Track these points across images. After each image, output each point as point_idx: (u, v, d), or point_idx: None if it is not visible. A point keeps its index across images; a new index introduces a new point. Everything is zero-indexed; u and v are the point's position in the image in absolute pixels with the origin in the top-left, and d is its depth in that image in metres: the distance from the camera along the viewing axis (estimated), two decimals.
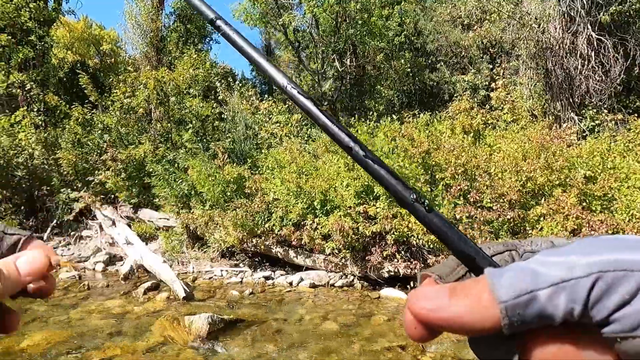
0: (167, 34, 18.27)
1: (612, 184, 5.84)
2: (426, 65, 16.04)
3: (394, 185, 0.47)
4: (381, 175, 0.48)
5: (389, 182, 0.47)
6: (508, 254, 0.42)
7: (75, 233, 9.89)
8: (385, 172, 0.47)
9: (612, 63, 9.34)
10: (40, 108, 12.62)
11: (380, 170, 0.48)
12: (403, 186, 0.46)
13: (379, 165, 0.48)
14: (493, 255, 0.42)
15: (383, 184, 0.48)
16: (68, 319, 5.08)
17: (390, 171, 0.47)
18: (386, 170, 0.47)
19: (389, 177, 0.47)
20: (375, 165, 0.48)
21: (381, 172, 0.47)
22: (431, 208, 0.43)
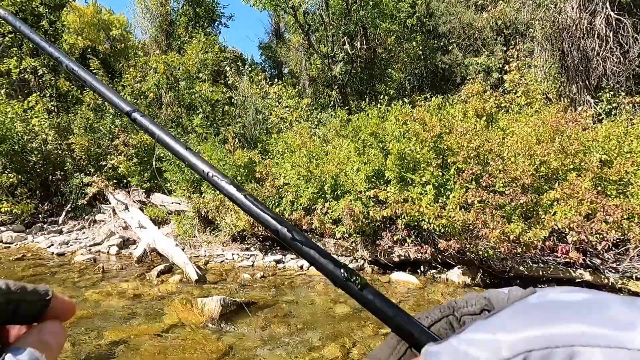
0: (176, 17, 18.17)
1: (629, 168, 5.72)
2: (438, 47, 15.74)
3: (325, 265, 0.46)
4: (311, 256, 0.47)
5: (320, 262, 0.47)
6: (445, 320, 0.42)
7: (89, 217, 10.05)
8: (315, 252, 0.47)
9: (631, 43, 9.06)
10: (53, 93, 12.73)
11: (310, 251, 0.47)
12: (334, 265, 0.46)
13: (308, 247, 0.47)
14: (431, 324, 0.42)
15: (315, 265, 0.48)
16: (84, 301, 5.20)
17: (320, 251, 0.47)
18: (316, 250, 0.47)
19: (319, 258, 0.47)
20: (305, 247, 0.48)
21: (311, 253, 0.47)
22: (364, 285, 0.43)
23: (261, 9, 13.77)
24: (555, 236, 5.45)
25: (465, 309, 0.42)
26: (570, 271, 5.47)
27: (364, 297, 0.44)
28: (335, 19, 14.02)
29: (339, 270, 0.45)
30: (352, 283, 0.44)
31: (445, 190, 6.04)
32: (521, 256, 5.53)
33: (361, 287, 0.44)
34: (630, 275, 5.21)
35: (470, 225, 5.50)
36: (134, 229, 8.66)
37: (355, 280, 0.44)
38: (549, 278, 5.65)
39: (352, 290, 0.44)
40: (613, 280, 5.22)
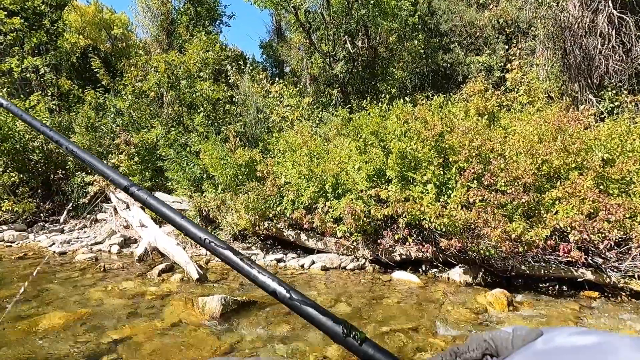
0: (177, 16, 18.18)
1: (631, 167, 5.70)
2: (440, 46, 15.70)
3: (324, 322, 0.46)
4: (310, 314, 0.48)
5: (319, 320, 0.46)
6: None
7: (91, 216, 10.07)
8: (314, 310, 0.48)
9: (633, 42, 9.02)
10: (54, 92, 12.75)
11: (309, 309, 0.48)
12: (333, 322, 0.46)
13: (307, 305, 0.47)
14: None
15: (313, 322, 0.47)
16: (86, 299, 5.21)
17: (319, 308, 0.48)
18: (314, 308, 0.48)
19: (317, 315, 0.47)
20: (303, 306, 0.47)
21: (309, 311, 0.48)
22: (363, 339, 0.43)
23: (262, 7, 13.77)
24: (557, 235, 5.43)
25: (467, 355, 0.41)
26: (572, 270, 5.45)
27: (363, 352, 0.44)
28: (336, 18, 14.00)
29: (338, 327, 0.45)
30: (352, 338, 0.44)
31: (447, 189, 6.03)
32: (523, 255, 5.52)
33: (361, 342, 0.43)
34: (633, 275, 5.19)
35: (471, 224, 5.49)
36: (135, 228, 8.67)
37: (355, 336, 0.44)
38: (551, 277, 5.63)
39: (352, 346, 0.44)
40: (615, 279, 5.20)
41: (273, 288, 0.50)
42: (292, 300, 0.48)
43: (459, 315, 4.67)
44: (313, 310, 0.46)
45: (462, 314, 4.70)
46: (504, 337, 0.39)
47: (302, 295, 0.48)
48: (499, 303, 4.88)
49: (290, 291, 0.49)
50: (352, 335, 0.44)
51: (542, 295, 5.43)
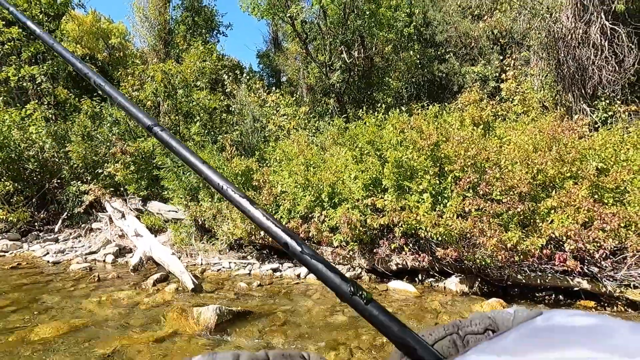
0: (175, 26, 18.28)
1: (625, 176, 5.73)
2: (435, 56, 15.85)
3: (332, 278, 0.47)
4: (319, 270, 0.48)
5: (327, 276, 0.47)
6: (449, 339, 0.43)
7: (86, 225, 10.01)
8: (323, 266, 0.48)
9: (626, 53, 9.14)
10: (51, 101, 12.75)
11: (318, 264, 0.48)
12: (341, 279, 0.46)
13: (317, 260, 0.48)
14: (434, 342, 0.43)
15: (321, 277, 0.48)
16: (79, 310, 5.15)
17: (328, 265, 0.48)
18: (324, 264, 0.48)
19: (326, 271, 0.47)
20: (313, 260, 0.48)
21: (318, 267, 0.48)
22: (369, 299, 0.44)
23: (259, 17, 13.87)
24: (553, 244, 5.44)
25: (469, 328, 0.42)
26: (568, 279, 5.45)
27: (368, 312, 0.44)
28: (332, 28, 14.12)
29: (346, 285, 0.46)
30: (359, 297, 0.44)
31: (443, 199, 6.04)
32: (519, 264, 5.52)
33: (367, 302, 0.44)
34: (628, 284, 5.20)
35: (467, 233, 5.49)
36: (130, 237, 8.62)
37: (361, 295, 0.45)
38: (547, 286, 5.63)
39: (358, 304, 0.45)
40: (611, 288, 5.20)
41: (285, 240, 0.50)
42: (303, 254, 0.49)
43: None
44: (322, 266, 0.47)
45: None
46: (505, 317, 0.40)
47: (312, 250, 0.49)
48: None
49: (302, 245, 0.49)
50: (359, 294, 0.44)
51: (538, 305, 5.42)
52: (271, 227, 0.51)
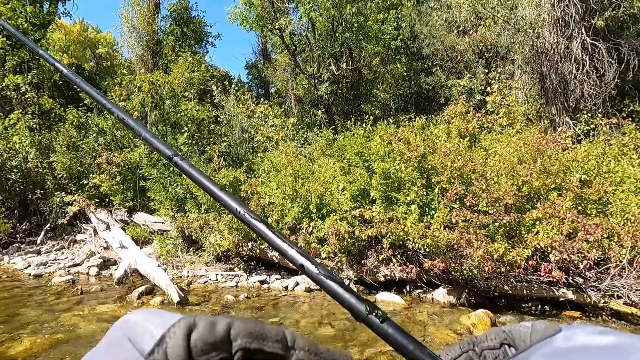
0: (163, 37, 18.26)
1: (607, 188, 5.85)
2: (422, 69, 16.09)
3: (348, 298, 0.47)
4: (334, 290, 0.48)
5: (342, 296, 0.47)
6: (465, 357, 0.42)
7: (69, 237, 9.82)
8: (338, 286, 0.48)
9: (606, 67, 9.39)
10: (35, 111, 12.57)
11: (333, 285, 0.48)
12: (356, 299, 0.46)
13: (332, 281, 0.48)
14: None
15: (336, 298, 0.48)
16: (61, 324, 5.02)
17: (343, 285, 0.48)
18: (339, 284, 0.48)
19: (342, 292, 0.47)
20: (329, 280, 0.48)
21: (334, 287, 0.48)
22: (385, 318, 0.44)
23: (248, 29, 13.96)
24: (538, 255, 5.50)
25: (485, 344, 0.41)
26: (553, 290, 5.50)
27: (384, 330, 0.44)
28: (321, 41, 14.27)
29: (360, 304, 0.46)
30: (374, 316, 0.45)
31: (430, 210, 6.08)
32: (505, 275, 5.56)
33: (382, 320, 0.44)
34: (612, 294, 5.27)
35: (454, 244, 5.53)
36: (115, 249, 8.48)
37: (376, 314, 0.45)
38: (533, 297, 5.67)
39: (373, 323, 0.45)
40: (595, 299, 5.27)
41: (301, 262, 0.51)
42: (319, 275, 0.49)
43: (443, 337, 4.64)
44: (337, 286, 0.48)
45: (446, 335, 4.68)
46: (522, 331, 0.39)
47: (328, 271, 0.49)
48: (482, 324, 4.88)
49: (318, 267, 0.49)
50: (375, 314, 0.44)
51: (525, 316, 5.45)
52: (288, 250, 0.52)
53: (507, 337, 0.40)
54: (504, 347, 0.41)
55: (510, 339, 0.40)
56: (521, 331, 0.40)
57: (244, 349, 0.29)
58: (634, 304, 5.16)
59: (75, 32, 17.25)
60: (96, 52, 17.32)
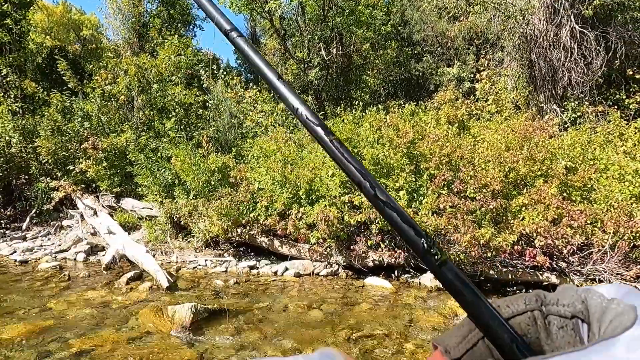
0: (150, 19, 17.87)
1: (592, 175, 5.96)
2: (412, 55, 16.04)
3: (406, 231, 0.43)
4: (392, 219, 0.44)
5: (400, 228, 0.44)
6: (529, 315, 0.38)
7: (56, 223, 9.70)
8: (397, 215, 0.44)
9: (593, 55, 9.47)
10: (18, 95, 12.26)
11: (392, 213, 0.44)
12: (414, 233, 0.43)
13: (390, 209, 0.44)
14: (512, 316, 0.38)
15: (395, 228, 0.45)
16: (48, 310, 5.00)
17: (403, 216, 0.44)
18: (398, 213, 0.44)
19: (400, 222, 0.44)
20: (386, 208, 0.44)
21: (392, 216, 0.44)
22: (444, 261, 0.40)
23: (237, 12, 13.71)
24: (524, 240, 5.60)
25: (555, 308, 0.37)
26: (537, 274, 5.63)
27: (441, 275, 0.41)
28: (311, 25, 14.09)
29: (419, 240, 0.42)
30: (432, 256, 0.41)
31: (418, 196, 6.13)
32: (491, 260, 5.66)
33: (440, 264, 0.41)
34: (594, 278, 5.41)
35: (442, 230, 5.60)
36: (102, 235, 8.41)
37: (435, 254, 0.41)
38: (518, 281, 5.79)
39: (430, 264, 0.42)
40: (578, 283, 5.40)
41: (358, 179, 0.46)
42: (377, 199, 0.44)
43: (430, 320, 4.73)
44: (396, 216, 0.43)
45: (432, 318, 4.77)
46: (597, 303, 0.35)
47: (387, 197, 0.44)
48: None
49: (376, 188, 0.44)
50: (433, 253, 0.41)
51: None
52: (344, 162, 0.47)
53: (582, 310, 0.35)
54: (576, 319, 0.36)
55: (585, 313, 0.35)
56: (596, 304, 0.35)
57: None
58: None
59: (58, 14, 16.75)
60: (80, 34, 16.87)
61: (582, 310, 0.35)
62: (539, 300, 0.38)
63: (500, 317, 0.38)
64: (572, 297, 0.37)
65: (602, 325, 0.33)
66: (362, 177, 0.46)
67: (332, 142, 0.48)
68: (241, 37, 0.58)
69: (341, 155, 0.47)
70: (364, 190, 0.46)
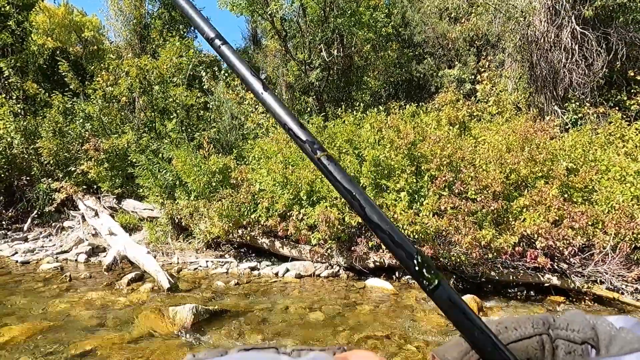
0: (151, 21, 17.90)
1: (593, 176, 5.96)
2: (413, 56, 16.04)
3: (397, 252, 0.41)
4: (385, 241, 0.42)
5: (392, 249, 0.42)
6: (537, 339, 0.37)
7: (57, 224, 9.71)
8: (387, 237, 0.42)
9: (594, 57, 9.47)
10: (19, 96, 12.28)
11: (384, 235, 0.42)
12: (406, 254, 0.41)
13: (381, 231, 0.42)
14: (518, 339, 0.37)
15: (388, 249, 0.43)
16: (49, 311, 5.00)
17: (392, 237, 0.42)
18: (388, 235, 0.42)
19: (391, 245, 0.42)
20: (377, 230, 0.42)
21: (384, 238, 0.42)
22: (437, 285, 0.38)
23: (238, 14, 13.73)
24: (525, 242, 5.60)
25: (564, 333, 0.36)
26: (539, 276, 5.62)
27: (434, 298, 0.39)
28: (312, 26, 14.10)
29: (410, 262, 0.40)
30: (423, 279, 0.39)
31: (419, 197, 6.13)
32: (492, 261, 5.66)
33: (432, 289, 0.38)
34: (595, 280, 5.40)
35: (443, 231, 5.60)
36: (103, 236, 8.41)
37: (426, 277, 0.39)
38: (519, 283, 5.79)
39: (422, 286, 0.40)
40: (579, 284, 5.39)
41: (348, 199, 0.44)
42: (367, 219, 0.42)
43: (430, 321, 4.73)
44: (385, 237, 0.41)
45: (433, 320, 4.76)
46: (607, 330, 0.35)
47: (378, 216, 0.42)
48: None
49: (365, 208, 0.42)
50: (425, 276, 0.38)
51: (511, 301, 5.57)
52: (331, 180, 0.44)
53: (593, 336, 0.35)
54: (586, 345, 0.35)
55: (595, 340, 0.35)
56: (606, 331, 0.35)
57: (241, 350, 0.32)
58: (616, 289, 5.30)
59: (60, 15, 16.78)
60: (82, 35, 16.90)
61: (592, 337, 0.35)
62: (546, 324, 0.38)
63: (496, 341, 0.36)
64: (582, 323, 0.37)
65: (610, 352, 0.33)
66: (351, 196, 0.44)
67: (320, 160, 0.46)
68: (225, 45, 0.56)
69: (329, 174, 0.46)
70: (354, 210, 0.44)
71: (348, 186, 0.45)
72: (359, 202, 0.43)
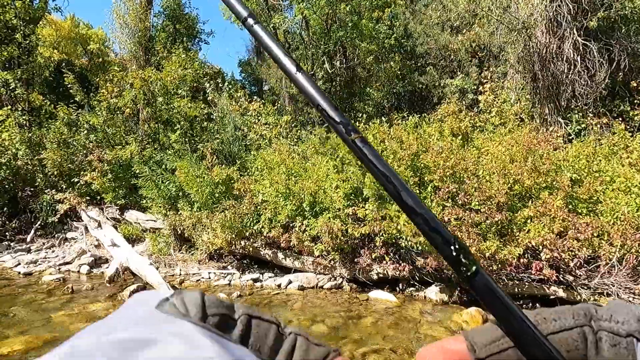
0: (156, 33, 18.11)
1: (597, 187, 5.91)
2: (415, 67, 16.12)
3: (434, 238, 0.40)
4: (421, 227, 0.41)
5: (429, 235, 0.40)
6: (579, 331, 0.35)
7: (60, 235, 9.72)
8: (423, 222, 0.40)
9: (597, 68, 9.48)
10: (25, 107, 12.40)
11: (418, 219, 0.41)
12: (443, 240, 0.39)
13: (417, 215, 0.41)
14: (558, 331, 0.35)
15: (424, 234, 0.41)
16: (51, 323, 4.98)
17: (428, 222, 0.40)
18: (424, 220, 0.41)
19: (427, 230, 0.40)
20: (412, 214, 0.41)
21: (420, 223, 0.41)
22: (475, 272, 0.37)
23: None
24: (530, 253, 5.55)
25: (607, 324, 0.35)
26: (544, 288, 5.55)
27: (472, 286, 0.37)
28: (315, 39, 14.23)
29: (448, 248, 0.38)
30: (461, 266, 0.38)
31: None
32: (497, 273, 5.60)
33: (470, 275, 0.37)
34: (602, 292, 5.33)
35: None
36: (106, 247, 8.41)
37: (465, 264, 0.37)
38: (524, 295, 5.72)
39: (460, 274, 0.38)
40: (585, 296, 5.32)
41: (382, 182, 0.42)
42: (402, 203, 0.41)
43: (435, 334, 4.67)
44: (421, 222, 0.40)
45: (438, 333, 4.70)
46: None
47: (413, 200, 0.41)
48: (474, 321, 4.92)
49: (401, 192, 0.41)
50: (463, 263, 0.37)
51: None
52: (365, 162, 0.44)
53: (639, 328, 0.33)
54: (631, 338, 0.33)
55: None
56: None
57: (247, 314, 0.34)
58: None
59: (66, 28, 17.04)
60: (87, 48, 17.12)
61: (638, 330, 0.34)
62: (588, 315, 0.36)
63: (535, 331, 0.34)
64: (627, 314, 0.35)
65: None
66: (385, 179, 0.43)
67: (354, 142, 0.45)
68: (258, 24, 0.55)
69: (364, 156, 0.45)
70: (389, 193, 0.43)
71: (383, 169, 0.43)
72: (393, 185, 0.42)
